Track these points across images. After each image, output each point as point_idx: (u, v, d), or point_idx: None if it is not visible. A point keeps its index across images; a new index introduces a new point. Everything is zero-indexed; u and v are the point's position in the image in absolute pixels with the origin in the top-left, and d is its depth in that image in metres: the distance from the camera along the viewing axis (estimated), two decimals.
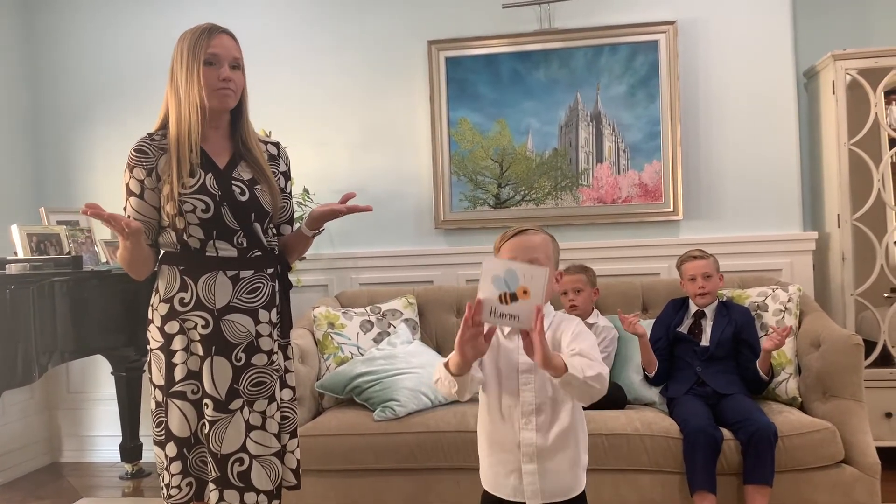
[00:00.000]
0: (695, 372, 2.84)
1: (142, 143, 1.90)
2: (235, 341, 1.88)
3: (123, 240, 1.80)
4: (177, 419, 1.87)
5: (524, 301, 1.50)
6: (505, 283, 1.50)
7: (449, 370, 1.62)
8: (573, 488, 1.73)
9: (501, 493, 1.75)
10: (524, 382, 1.72)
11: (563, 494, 1.72)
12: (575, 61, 3.58)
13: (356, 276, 3.77)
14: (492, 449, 1.76)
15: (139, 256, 1.87)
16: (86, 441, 4.02)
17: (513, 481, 1.72)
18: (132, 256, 1.86)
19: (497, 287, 1.51)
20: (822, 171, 3.52)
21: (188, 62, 1.85)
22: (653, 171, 3.55)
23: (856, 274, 3.32)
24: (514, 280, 1.50)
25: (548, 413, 1.70)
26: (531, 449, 1.70)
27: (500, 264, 1.51)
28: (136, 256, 1.86)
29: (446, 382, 1.65)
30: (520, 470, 1.71)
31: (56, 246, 3.19)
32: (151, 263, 1.94)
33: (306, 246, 2.09)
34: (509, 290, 1.50)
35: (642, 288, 3.31)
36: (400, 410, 2.77)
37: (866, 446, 2.56)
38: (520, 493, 1.72)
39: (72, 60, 4.01)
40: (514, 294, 1.50)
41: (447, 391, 1.66)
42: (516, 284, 1.50)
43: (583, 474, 1.76)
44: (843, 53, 3.29)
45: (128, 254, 1.85)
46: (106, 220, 1.71)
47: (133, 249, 1.83)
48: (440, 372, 1.67)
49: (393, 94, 3.76)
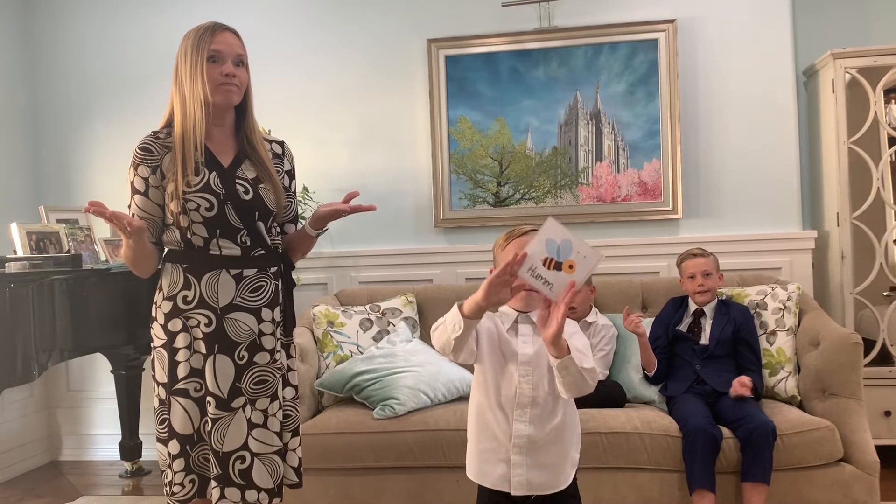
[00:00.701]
0: (694, 370, 2.84)
1: (146, 141, 1.90)
2: (238, 340, 1.88)
3: (126, 238, 1.80)
4: (179, 416, 1.88)
5: (565, 274, 1.52)
6: (557, 250, 1.52)
7: (462, 311, 1.59)
8: (559, 483, 1.75)
9: (486, 481, 1.77)
10: (522, 374, 1.74)
11: (550, 488, 1.74)
12: (574, 60, 3.58)
13: (356, 274, 3.77)
14: (482, 436, 1.78)
15: (142, 254, 1.88)
16: (85, 439, 4.02)
17: (500, 470, 1.75)
18: (135, 254, 1.86)
19: (549, 250, 1.52)
20: (821, 169, 3.53)
21: (192, 59, 1.85)
22: (652, 170, 3.55)
23: (855, 272, 3.33)
24: (567, 251, 1.52)
25: (542, 407, 1.73)
26: (522, 441, 1.73)
27: (561, 231, 1.52)
28: (139, 254, 1.87)
29: (450, 326, 1.61)
30: (509, 461, 1.74)
31: (55, 244, 3.19)
32: (155, 261, 1.94)
33: (310, 245, 2.09)
34: (558, 258, 1.52)
35: (642, 286, 3.31)
36: (399, 409, 2.77)
37: (865, 445, 2.57)
38: (505, 483, 1.74)
39: (71, 59, 4.01)
40: (559, 263, 1.52)
41: (447, 336, 1.61)
42: (567, 256, 1.52)
43: (571, 471, 1.78)
44: (842, 52, 3.30)
45: (131, 252, 1.86)
46: (108, 218, 1.71)
47: (136, 247, 1.83)
48: (449, 315, 1.62)
49: (392, 92, 3.75)
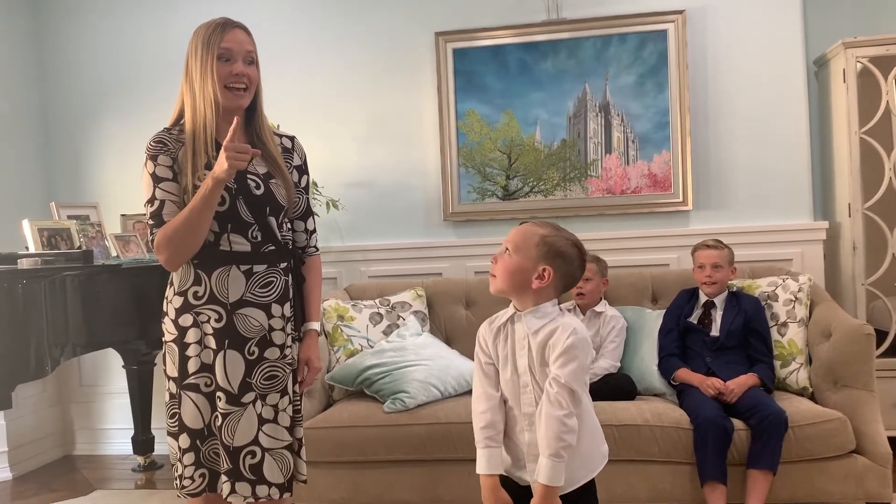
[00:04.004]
0: (705, 362, 2.83)
1: (160, 135, 1.90)
2: (248, 335, 1.89)
3: (229, 172, 1.72)
4: (190, 411, 1.88)
5: None
6: None
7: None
8: (575, 481, 1.76)
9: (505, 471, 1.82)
10: (523, 385, 1.76)
11: (567, 486, 1.74)
12: (583, 51, 3.57)
13: (365, 268, 3.78)
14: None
15: (209, 218, 1.81)
16: (98, 434, 4.05)
17: (516, 472, 1.81)
18: (205, 217, 1.79)
19: None
20: (832, 159, 3.50)
21: (202, 57, 1.85)
22: (662, 162, 3.53)
23: (867, 263, 3.31)
24: None
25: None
26: (533, 448, 1.75)
27: None
28: (206, 217, 1.79)
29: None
30: (524, 467, 1.78)
31: (67, 240, 3.20)
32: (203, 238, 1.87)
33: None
34: None
35: (652, 279, 3.30)
36: (410, 402, 2.78)
37: (878, 436, 2.56)
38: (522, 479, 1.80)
39: (82, 57, 4.02)
40: None
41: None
42: None
43: (587, 470, 1.78)
44: (853, 41, 3.27)
45: (207, 210, 1.77)
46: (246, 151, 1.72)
47: (212, 203, 1.78)
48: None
49: (400, 86, 3.75)
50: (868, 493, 2.53)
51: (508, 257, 1.76)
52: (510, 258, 1.76)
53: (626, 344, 3.03)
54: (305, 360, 2.03)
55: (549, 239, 1.75)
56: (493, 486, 1.77)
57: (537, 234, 1.76)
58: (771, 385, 2.77)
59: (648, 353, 2.95)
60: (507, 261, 1.76)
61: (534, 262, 1.74)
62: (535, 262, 1.74)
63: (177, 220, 1.81)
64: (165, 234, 1.82)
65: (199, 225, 1.80)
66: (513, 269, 1.75)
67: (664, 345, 2.93)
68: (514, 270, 1.75)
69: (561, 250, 1.75)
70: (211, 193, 1.76)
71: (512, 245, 1.77)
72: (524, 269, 1.74)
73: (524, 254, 1.74)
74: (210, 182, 1.75)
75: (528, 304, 1.76)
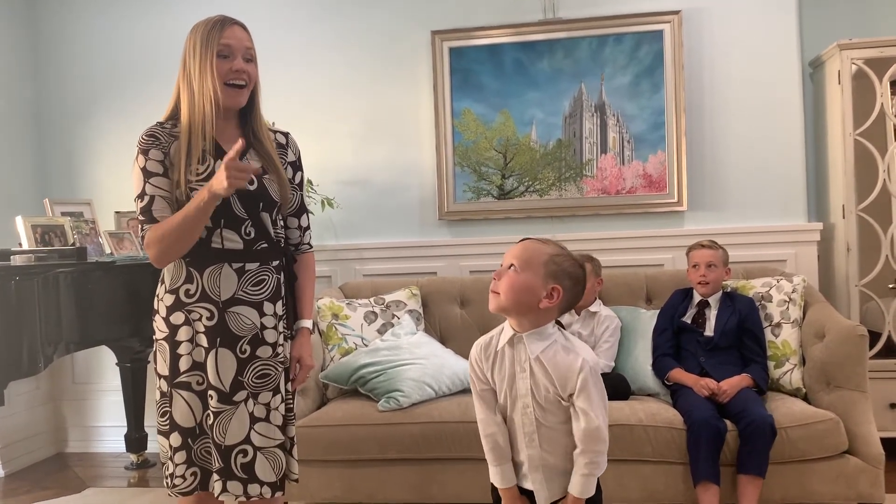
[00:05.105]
0: (698, 363, 2.83)
1: (152, 129, 1.89)
2: (240, 333, 1.88)
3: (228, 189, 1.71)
4: (181, 409, 1.88)
5: None
6: None
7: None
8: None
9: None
10: (523, 406, 1.74)
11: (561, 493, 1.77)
12: (579, 51, 3.57)
13: (360, 267, 3.77)
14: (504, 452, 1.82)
15: (203, 223, 1.82)
16: (91, 431, 4.04)
17: (520, 481, 1.80)
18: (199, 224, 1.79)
19: None
20: (827, 161, 3.51)
21: (201, 54, 1.85)
22: (657, 162, 3.54)
23: (860, 265, 3.31)
24: None
25: (547, 432, 1.74)
26: (536, 462, 1.76)
27: None
28: (201, 223, 1.80)
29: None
30: (528, 476, 1.78)
31: (60, 237, 3.19)
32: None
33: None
34: None
35: (646, 279, 3.30)
36: (404, 401, 2.77)
37: (870, 437, 2.56)
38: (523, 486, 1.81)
39: (76, 54, 4.01)
40: None
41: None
42: None
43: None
44: (848, 43, 3.27)
45: (203, 217, 1.78)
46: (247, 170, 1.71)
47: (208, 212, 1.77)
48: None
49: (396, 84, 3.74)
50: (860, 494, 2.53)
51: (515, 274, 1.68)
52: (517, 275, 1.68)
53: (621, 344, 3.03)
54: (297, 358, 2.03)
55: (559, 258, 1.70)
56: (512, 496, 1.79)
57: (545, 252, 1.70)
58: (764, 386, 2.77)
59: (643, 353, 2.95)
60: (515, 278, 1.68)
61: (543, 281, 1.67)
62: (543, 281, 1.68)
63: (170, 222, 1.81)
64: (156, 233, 1.82)
65: (192, 232, 1.81)
66: (520, 286, 1.67)
67: (658, 345, 2.93)
68: (521, 288, 1.67)
69: (569, 271, 1.70)
70: (206, 206, 1.76)
71: (519, 262, 1.69)
72: (533, 288, 1.67)
73: (533, 271, 1.68)
74: (206, 195, 1.74)
75: (527, 324, 1.71)
